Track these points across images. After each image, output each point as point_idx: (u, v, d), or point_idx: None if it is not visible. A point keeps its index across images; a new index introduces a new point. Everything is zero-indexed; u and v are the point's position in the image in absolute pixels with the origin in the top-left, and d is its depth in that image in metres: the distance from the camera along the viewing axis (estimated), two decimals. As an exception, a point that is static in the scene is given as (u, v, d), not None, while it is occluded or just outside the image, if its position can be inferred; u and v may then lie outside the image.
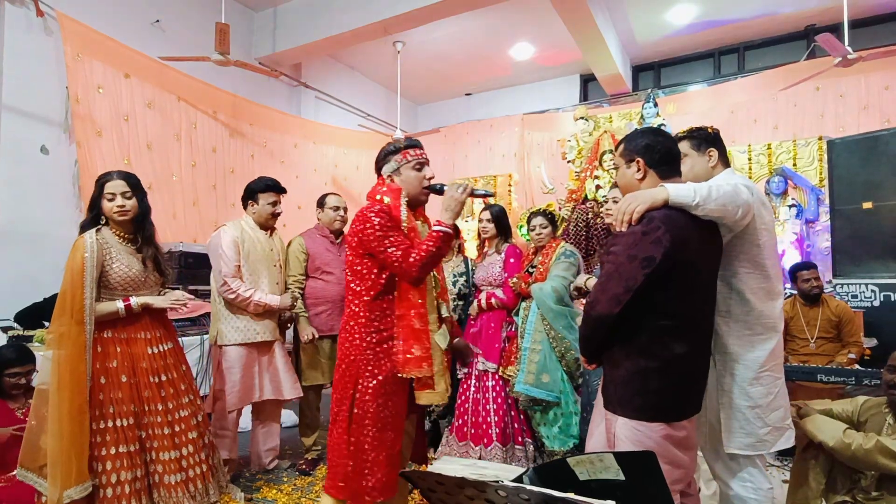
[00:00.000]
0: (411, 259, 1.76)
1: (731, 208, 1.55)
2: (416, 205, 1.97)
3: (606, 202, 2.72)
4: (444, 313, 1.94)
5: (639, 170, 1.61)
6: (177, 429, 2.21)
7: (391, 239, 1.78)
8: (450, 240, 1.82)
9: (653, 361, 1.49)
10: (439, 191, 1.92)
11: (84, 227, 2.14)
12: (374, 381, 1.79)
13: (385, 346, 1.83)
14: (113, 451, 2.04)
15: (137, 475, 2.08)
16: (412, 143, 1.96)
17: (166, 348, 2.26)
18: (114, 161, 4.02)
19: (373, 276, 1.84)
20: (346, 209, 3.22)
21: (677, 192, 1.49)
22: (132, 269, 2.16)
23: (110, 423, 2.05)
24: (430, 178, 1.94)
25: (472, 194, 1.87)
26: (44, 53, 3.79)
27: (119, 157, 4.08)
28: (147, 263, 2.22)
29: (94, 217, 2.16)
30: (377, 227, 1.79)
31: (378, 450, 1.78)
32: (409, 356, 1.79)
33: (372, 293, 1.83)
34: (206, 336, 3.26)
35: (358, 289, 1.86)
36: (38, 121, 3.77)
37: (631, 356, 1.52)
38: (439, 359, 1.84)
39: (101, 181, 2.15)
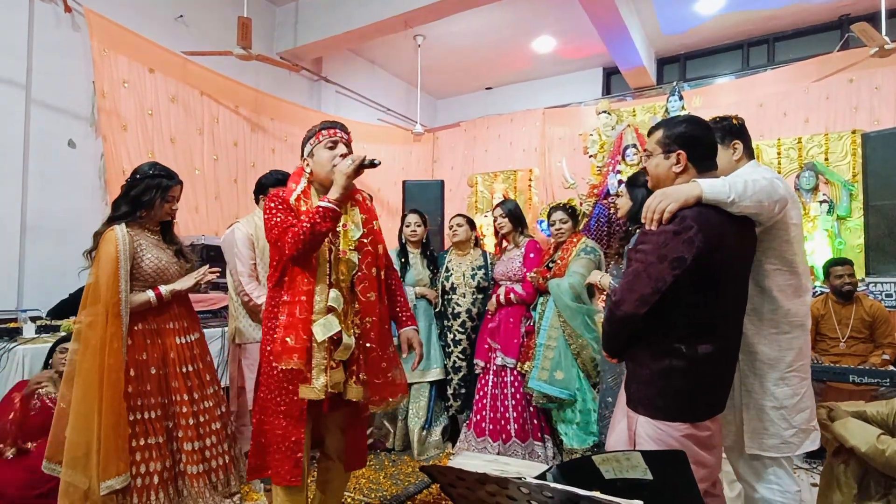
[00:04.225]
0: (287, 236, 1.71)
1: (767, 204, 1.48)
2: (331, 185, 1.83)
3: (620, 197, 2.65)
4: (334, 304, 1.77)
5: (678, 162, 1.52)
6: (201, 419, 2.23)
7: (276, 220, 1.77)
8: (332, 216, 1.71)
9: (678, 361, 1.44)
10: (370, 165, 1.79)
11: (113, 220, 2.12)
12: (268, 367, 1.78)
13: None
14: (142, 442, 2.05)
15: (166, 465, 2.11)
16: (329, 125, 1.89)
17: (193, 339, 2.28)
18: (138, 155, 4.08)
19: (274, 265, 1.83)
20: None
21: (712, 188, 1.42)
22: (161, 261, 2.18)
23: (139, 416, 2.06)
24: (342, 156, 1.82)
25: (362, 165, 1.75)
26: (71, 49, 3.85)
27: (143, 151, 4.14)
28: (173, 252, 2.26)
29: (131, 211, 2.13)
30: (267, 213, 1.80)
31: (267, 434, 1.76)
32: (283, 346, 1.72)
33: (272, 281, 1.83)
34: (226, 328, 3.28)
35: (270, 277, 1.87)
36: (65, 115, 3.84)
37: (656, 355, 1.47)
38: (322, 352, 1.75)
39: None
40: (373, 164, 1.78)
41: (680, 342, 1.44)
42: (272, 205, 1.79)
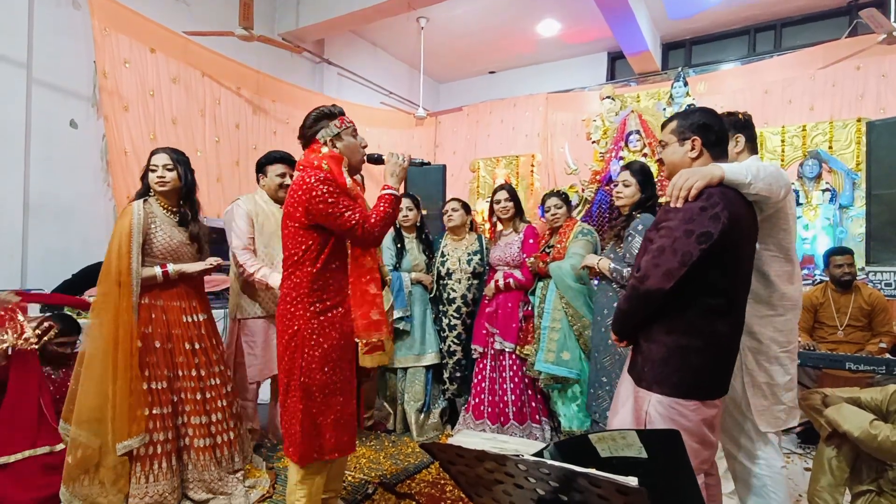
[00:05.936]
0: (372, 221, 1.80)
1: (775, 188, 1.56)
2: (353, 172, 1.99)
3: (626, 186, 2.62)
4: (388, 277, 2.14)
5: (693, 148, 1.59)
6: (207, 395, 2.30)
7: (344, 204, 1.78)
8: (399, 203, 1.90)
9: (696, 339, 1.48)
10: (378, 160, 1.99)
11: (135, 198, 2.26)
12: (319, 351, 1.82)
13: (329, 315, 1.84)
14: (147, 411, 2.13)
15: (169, 437, 2.18)
16: (342, 110, 1.97)
17: (200, 318, 2.36)
18: (140, 136, 4.08)
19: (318, 247, 1.83)
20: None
21: (732, 170, 1.49)
22: (173, 240, 2.26)
23: (145, 385, 2.14)
24: (364, 146, 1.99)
25: (411, 163, 1.97)
26: (72, 28, 3.82)
27: (145, 132, 4.13)
28: (188, 235, 2.32)
29: (145, 189, 2.28)
30: (327, 195, 1.76)
31: (326, 414, 1.85)
32: (369, 321, 1.86)
33: (318, 264, 1.82)
34: (226, 309, 3.31)
35: (300, 259, 1.84)
36: (67, 95, 3.82)
37: (673, 333, 1.51)
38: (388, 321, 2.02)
39: (150, 155, 2.28)
40: (423, 164, 2.07)
41: (698, 320, 1.48)
42: (331, 188, 1.77)
